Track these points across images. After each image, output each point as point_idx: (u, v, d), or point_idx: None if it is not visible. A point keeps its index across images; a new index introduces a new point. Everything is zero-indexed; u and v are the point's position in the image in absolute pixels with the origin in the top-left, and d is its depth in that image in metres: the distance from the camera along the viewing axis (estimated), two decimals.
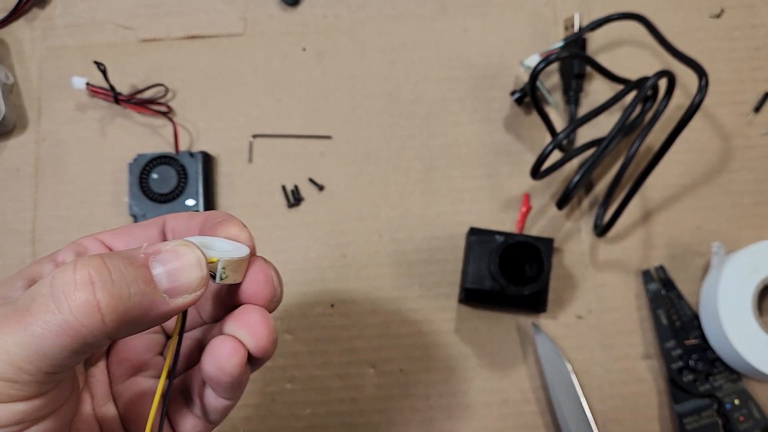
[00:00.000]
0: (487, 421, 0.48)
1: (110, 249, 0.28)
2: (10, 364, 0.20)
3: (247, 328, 0.25)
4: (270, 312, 0.26)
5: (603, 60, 0.51)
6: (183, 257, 0.23)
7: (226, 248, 0.25)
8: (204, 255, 0.23)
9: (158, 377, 0.29)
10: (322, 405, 0.48)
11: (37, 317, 0.20)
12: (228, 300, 0.27)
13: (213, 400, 0.26)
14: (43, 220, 0.51)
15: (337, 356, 0.49)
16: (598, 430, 0.47)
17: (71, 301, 0.20)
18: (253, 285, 0.25)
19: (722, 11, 0.53)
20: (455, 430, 0.48)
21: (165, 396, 0.25)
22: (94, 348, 0.21)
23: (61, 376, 0.22)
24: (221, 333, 0.25)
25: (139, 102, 0.52)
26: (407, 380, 0.49)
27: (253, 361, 0.25)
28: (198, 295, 0.23)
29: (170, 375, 0.25)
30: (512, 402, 0.48)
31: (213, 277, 0.24)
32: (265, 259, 0.26)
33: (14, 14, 0.54)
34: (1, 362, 0.20)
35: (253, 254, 0.26)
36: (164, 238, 0.29)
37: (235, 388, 0.25)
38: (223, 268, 0.24)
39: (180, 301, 0.23)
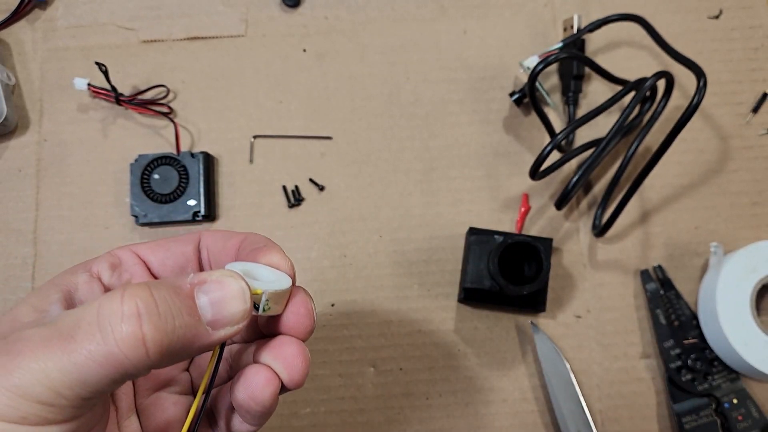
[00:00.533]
0: (487, 419, 0.48)
1: (145, 263, 0.28)
2: (49, 388, 0.20)
3: (283, 360, 0.25)
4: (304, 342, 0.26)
5: (601, 61, 0.51)
6: (227, 288, 0.22)
7: (268, 277, 0.25)
8: (248, 286, 0.23)
9: (183, 393, 0.29)
10: (323, 404, 0.49)
11: (82, 345, 0.20)
12: (265, 327, 0.27)
13: (239, 425, 0.26)
14: (45, 220, 0.51)
15: (337, 355, 0.49)
16: (597, 429, 0.47)
17: (117, 333, 0.20)
18: (294, 318, 0.25)
19: (720, 12, 0.54)
20: (454, 429, 0.48)
21: (194, 424, 0.24)
22: (134, 377, 0.21)
23: (96, 401, 0.22)
24: (255, 361, 0.25)
25: (140, 103, 0.52)
26: (407, 379, 0.49)
27: (283, 391, 0.25)
28: (240, 328, 0.23)
29: (202, 406, 0.24)
30: (511, 401, 0.48)
31: (255, 307, 0.24)
32: (305, 290, 0.26)
33: (16, 15, 0.54)
34: (41, 386, 0.19)
35: (293, 284, 0.26)
36: (199, 256, 0.29)
37: (263, 417, 0.25)
38: (267, 300, 0.24)
39: (222, 333, 0.22)
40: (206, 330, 0.22)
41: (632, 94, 0.47)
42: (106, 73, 0.50)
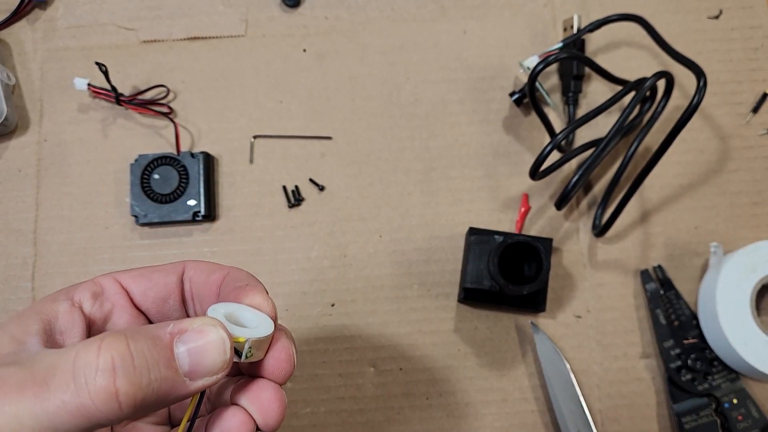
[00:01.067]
0: (487, 419, 0.48)
1: (127, 291, 0.28)
2: None
3: (259, 404, 0.25)
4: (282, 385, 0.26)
5: (601, 61, 0.51)
6: (207, 338, 0.22)
7: (251, 320, 0.25)
8: (229, 336, 0.23)
9: (159, 424, 0.28)
10: (323, 404, 0.49)
11: (55, 395, 0.20)
12: (245, 368, 0.27)
13: None
14: (45, 220, 0.52)
15: (337, 355, 0.49)
16: (597, 428, 0.47)
17: (91, 385, 0.20)
18: (273, 362, 0.25)
19: (720, 12, 0.54)
20: (454, 429, 0.48)
21: None
22: (106, 426, 0.21)
23: None
24: (232, 402, 0.25)
25: (140, 103, 0.52)
26: (407, 379, 0.49)
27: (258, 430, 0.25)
28: (220, 378, 0.23)
29: None
30: (511, 401, 0.48)
31: (238, 354, 0.24)
32: (286, 333, 0.26)
33: (16, 15, 0.54)
34: (11, 430, 0.19)
35: (276, 327, 0.25)
36: (182, 287, 0.29)
37: None
38: (250, 347, 0.24)
39: (200, 383, 0.22)
40: (183, 381, 0.22)
41: (632, 94, 0.47)
42: (106, 74, 0.50)
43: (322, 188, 0.52)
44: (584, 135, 0.52)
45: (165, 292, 0.29)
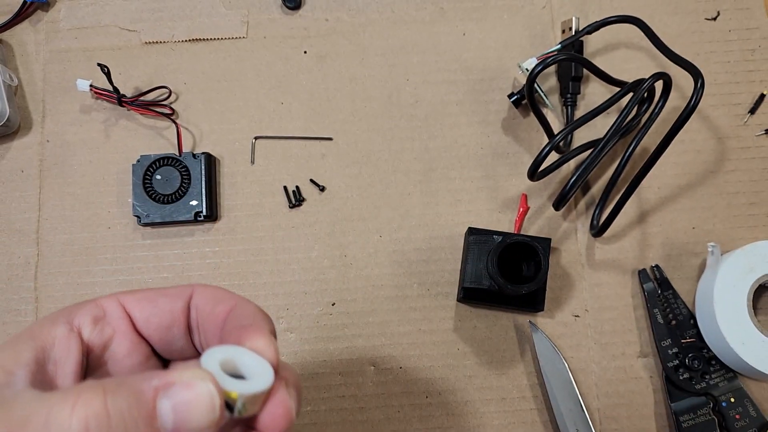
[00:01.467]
0: (485, 418, 0.49)
1: (129, 316, 0.27)
2: None
3: None
4: None
5: (600, 63, 0.51)
6: (194, 393, 0.21)
7: (250, 367, 0.23)
8: (219, 393, 0.21)
9: None
10: (323, 402, 0.49)
11: None
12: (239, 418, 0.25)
13: None
14: (47, 220, 0.52)
15: (337, 354, 0.50)
16: (595, 427, 0.47)
17: None
18: (269, 418, 0.23)
19: (718, 14, 0.54)
20: (454, 427, 0.49)
21: None
22: None
23: None
24: None
25: (142, 104, 0.52)
26: (407, 378, 0.49)
27: None
28: None
29: None
30: (510, 399, 0.49)
31: (230, 408, 0.22)
32: (288, 381, 0.24)
33: (18, 17, 0.54)
34: None
35: (276, 375, 0.23)
36: (188, 314, 0.28)
37: None
38: (243, 402, 0.22)
39: None
40: None
41: (630, 95, 0.47)
42: (108, 75, 0.50)
43: (322, 189, 0.52)
44: (582, 136, 0.52)
45: (169, 319, 0.27)
